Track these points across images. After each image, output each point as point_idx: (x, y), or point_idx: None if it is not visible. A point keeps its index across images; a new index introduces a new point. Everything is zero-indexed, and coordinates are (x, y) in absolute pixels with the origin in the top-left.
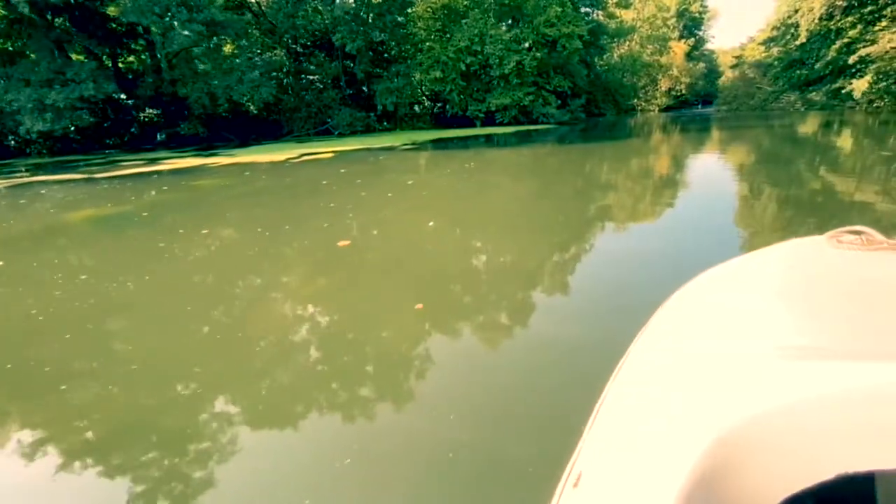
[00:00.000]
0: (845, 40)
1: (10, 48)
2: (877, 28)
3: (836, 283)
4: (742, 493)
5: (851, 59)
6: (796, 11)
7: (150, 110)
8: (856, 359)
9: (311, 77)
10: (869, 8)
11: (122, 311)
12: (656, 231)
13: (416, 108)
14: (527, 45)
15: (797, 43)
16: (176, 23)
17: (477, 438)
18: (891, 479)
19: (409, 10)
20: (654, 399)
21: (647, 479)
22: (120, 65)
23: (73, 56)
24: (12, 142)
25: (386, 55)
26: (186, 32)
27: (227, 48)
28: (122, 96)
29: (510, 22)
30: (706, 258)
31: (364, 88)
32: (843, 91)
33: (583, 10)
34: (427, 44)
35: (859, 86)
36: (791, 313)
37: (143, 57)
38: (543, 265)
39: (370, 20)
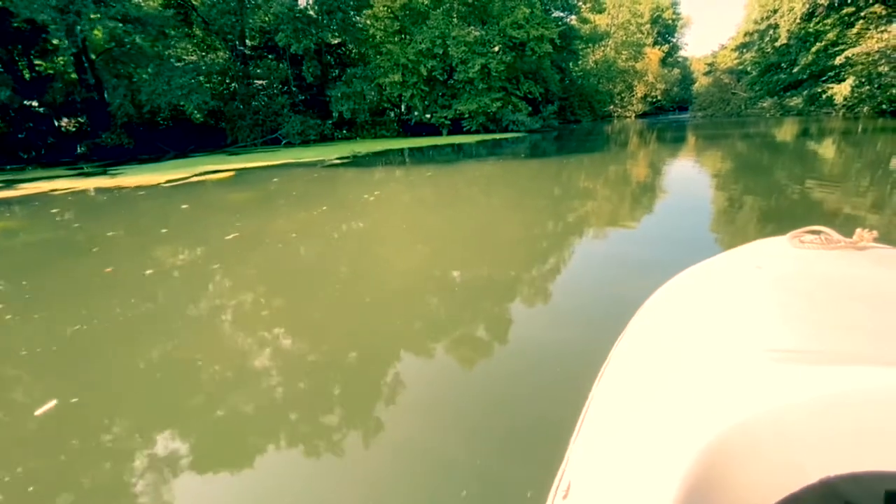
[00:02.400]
0: (824, 43)
1: None
2: (852, 31)
3: (804, 283)
4: (733, 499)
5: (838, 60)
6: (775, 12)
7: (73, 119)
8: (832, 362)
9: (260, 82)
10: (846, 9)
11: None
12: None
13: (388, 114)
14: (496, 48)
15: (777, 45)
16: (82, 19)
17: (463, 453)
18: (871, 481)
19: (366, 10)
20: (639, 406)
21: (638, 490)
22: (37, 69)
23: None
24: None
25: (344, 58)
26: (97, 29)
27: (164, 50)
28: (34, 103)
29: (478, 24)
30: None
31: (318, 94)
32: (824, 95)
33: (556, 14)
34: (386, 46)
35: (841, 90)
36: (765, 315)
37: (55, 59)
38: None
39: (319, 19)
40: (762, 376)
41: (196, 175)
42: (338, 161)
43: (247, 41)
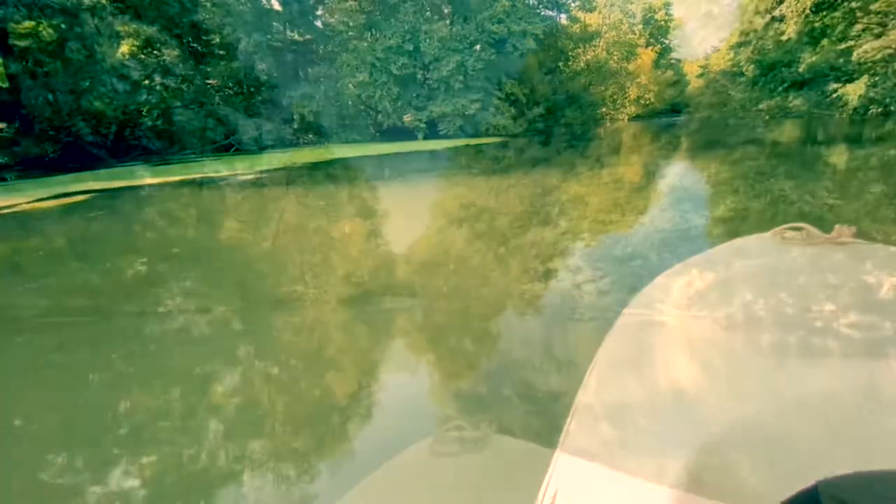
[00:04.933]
0: (832, 38)
1: None
2: (857, 28)
3: (790, 278)
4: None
5: (854, 56)
6: (780, 3)
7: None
8: (824, 357)
9: (212, 82)
10: (854, 3)
11: None
12: None
13: (361, 117)
14: (477, 46)
15: (781, 39)
16: None
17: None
18: (864, 481)
19: (330, 3)
20: (625, 411)
21: (624, 496)
22: None
23: None
24: None
25: (309, 56)
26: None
27: (87, 40)
28: None
29: (457, 18)
30: None
31: (280, 96)
32: (833, 95)
33: (545, 13)
34: (352, 42)
35: (855, 90)
36: (755, 310)
37: None
38: None
39: (280, 11)
40: (755, 377)
41: (32, 202)
42: (252, 176)
43: (202, 38)
